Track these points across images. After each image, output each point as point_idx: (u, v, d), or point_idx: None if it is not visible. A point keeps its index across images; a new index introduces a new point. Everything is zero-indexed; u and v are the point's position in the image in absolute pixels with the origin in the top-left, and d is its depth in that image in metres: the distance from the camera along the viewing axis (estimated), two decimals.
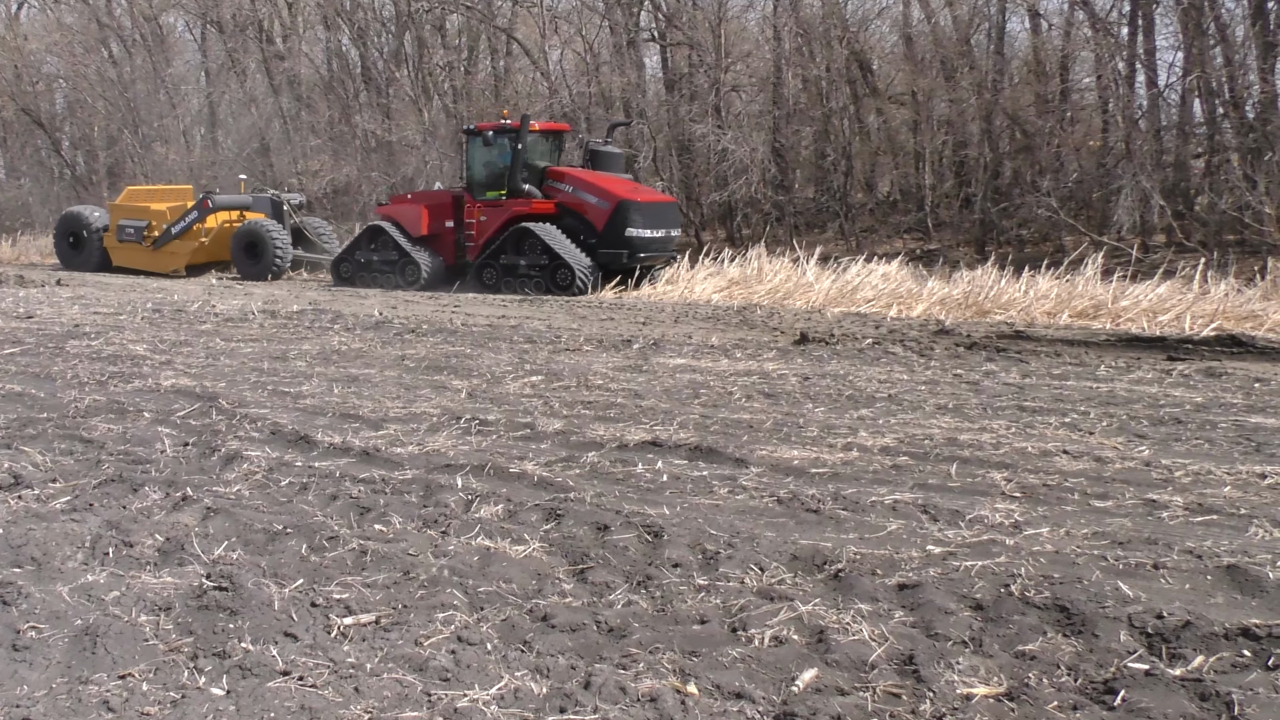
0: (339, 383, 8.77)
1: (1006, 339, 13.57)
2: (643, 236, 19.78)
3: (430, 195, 21.90)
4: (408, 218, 21.23)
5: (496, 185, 20.56)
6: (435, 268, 21.00)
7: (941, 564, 4.47)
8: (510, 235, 19.93)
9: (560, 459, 6.28)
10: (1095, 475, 5.86)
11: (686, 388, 8.47)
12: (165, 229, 24.09)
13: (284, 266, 23.19)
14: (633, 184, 21.56)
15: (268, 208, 24.15)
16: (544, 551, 4.74)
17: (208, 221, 24.02)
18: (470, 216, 20.74)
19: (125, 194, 26.09)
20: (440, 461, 6.22)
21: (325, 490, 5.69)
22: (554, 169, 20.79)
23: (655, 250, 20.24)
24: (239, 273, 23.63)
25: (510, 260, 19.96)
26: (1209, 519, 5.08)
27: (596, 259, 19.69)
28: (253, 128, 34.72)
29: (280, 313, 14.19)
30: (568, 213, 20.06)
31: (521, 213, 20.06)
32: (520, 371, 9.28)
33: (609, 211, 19.60)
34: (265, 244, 22.99)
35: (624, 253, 19.61)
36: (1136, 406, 7.70)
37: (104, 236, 25.23)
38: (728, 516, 5.20)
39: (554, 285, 19.49)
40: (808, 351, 10.47)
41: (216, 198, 23.95)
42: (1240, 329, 14.44)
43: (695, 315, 16.25)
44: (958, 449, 6.46)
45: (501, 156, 20.54)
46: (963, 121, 24.46)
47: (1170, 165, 21.89)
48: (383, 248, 21.20)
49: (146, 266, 24.55)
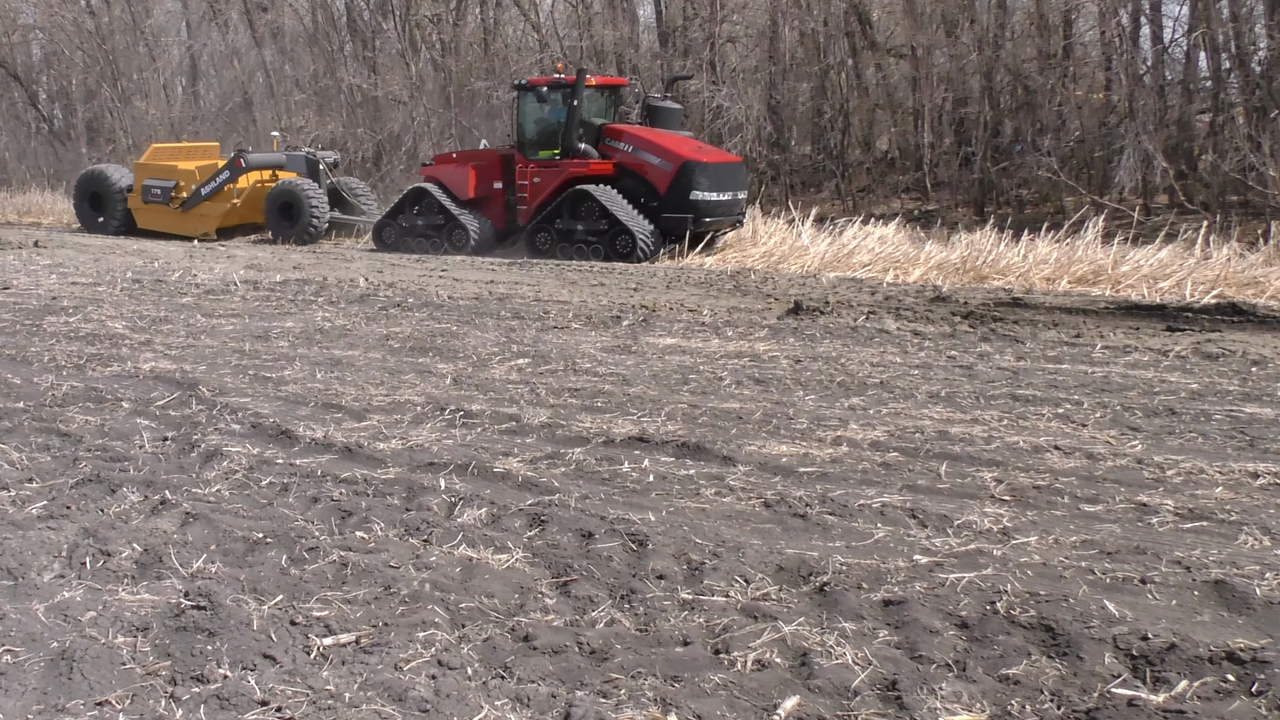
0: (322, 366, 8.79)
1: (1004, 307, 13.62)
2: (708, 200, 18.98)
3: (477, 155, 21.24)
4: (454, 179, 20.53)
5: (550, 144, 19.86)
6: (484, 232, 20.44)
7: (928, 577, 4.52)
8: (567, 198, 19.25)
9: (545, 455, 6.32)
10: (1086, 474, 5.91)
11: (675, 372, 8.50)
12: (195, 190, 23.45)
13: (321, 229, 22.59)
14: (696, 143, 20.76)
15: (302, 167, 23.41)
16: (527, 562, 4.78)
17: (240, 181, 23.30)
18: (523, 178, 20.08)
19: (150, 152, 25.40)
20: (423, 459, 6.25)
21: (306, 492, 5.72)
22: (611, 126, 20.03)
23: (721, 214, 19.44)
24: (273, 235, 23.02)
25: (566, 225, 19.27)
26: (1199, 525, 5.13)
27: (659, 224, 18.97)
28: (235, 81, 34.54)
29: (263, 283, 14.19)
30: (627, 173, 19.35)
31: (579, 174, 19.36)
32: (507, 354, 9.31)
33: (672, 173, 18.84)
34: (302, 205, 22.36)
35: (688, 217, 18.85)
36: (1131, 394, 7.74)
37: (128, 197, 24.52)
38: (714, 522, 5.24)
39: (613, 252, 18.80)
40: (800, 329, 10.49)
41: (250, 156, 23.30)
42: (1241, 296, 14.50)
43: (688, 280, 16.28)
44: (949, 443, 6.50)
45: (555, 113, 19.85)
46: (962, 78, 24.36)
47: (1174, 123, 21.84)
48: (428, 211, 20.60)
49: (174, 229, 23.89)
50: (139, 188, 24.25)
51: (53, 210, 30.66)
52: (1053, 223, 19.22)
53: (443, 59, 30.37)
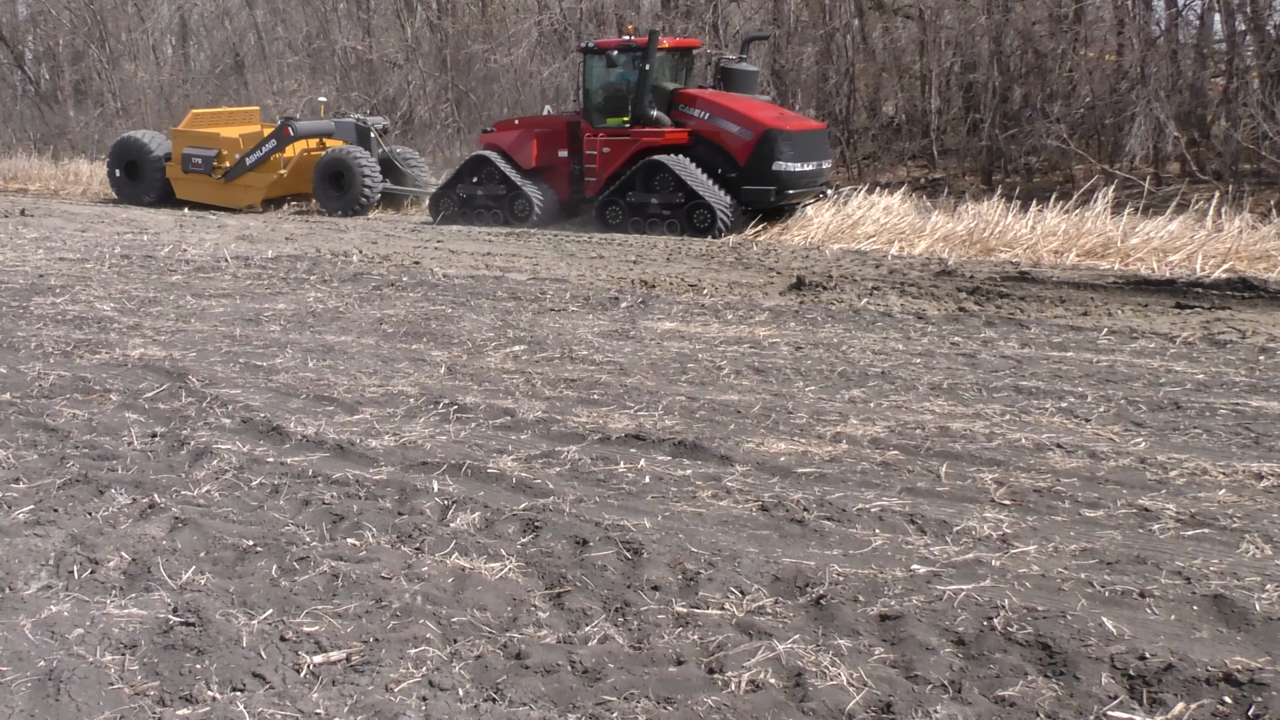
0: (314, 353, 8.82)
1: (1010, 282, 13.62)
2: (792, 171, 18.04)
3: (541, 122, 20.43)
4: (516, 147, 19.73)
5: (619, 111, 19.07)
6: (548, 203, 19.74)
7: (925, 589, 4.56)
8: (639, 169, 18.45)
9: (540, 454, 6.35)
10: (1089, 475, 5.94)
11: (674, 361, 8.53)
12: (239, 159, 22.67)
13: (373, 200, 21.92)
14: (777, 109, 20.00)
15: (352, 134, 22.53)
16: (520, 572, 4.83)
17: (286, 151, 22.49)
18: (591, 148, 19.21)
19: (189, 118, 24.57)
20: (416, 458, 6.29)
21: (297, 494, 5.76)
22: (684, 91, 19.16)
23: (805, 185, 18.47)
24: (322, 207, 22.39)
25: (639, 198, 18.49)
26: (1200, 532, 5.16)
27: (739, 197, 18.18)
28: (225, 43, 34.37)
29: (254, 259, 14.19)
30: (702, 142, 18.46)
31: (653, 144, 18.49)
32: (502, 339, 9.33)
33: (753, 142, 17.93)
34: (353, 175, 21.58)
35: (771, 190, 17.96)
36: (1136, 385, 7.76)
37: (166, 166, 23.76)
38: (710, 528, 5.28)
39: (690, 227, 18.05)
40: (802, 311, 10.50)
41: (298, 124, 22.54)
42: (1253, 270, 14.49)
43: (689, 253, 16.27)
44: (950, 440, 6.53)
45: (624, 78, 19.01)
46: (971, 41, 24.26)
47: (1186, 89, 21.76)
48: (488, 181, 19.90)
49: (216, 201, 23.22)
50: (178, 156, 23.51)
51: (39, 176, 30.58)
52: (1062, 192, 19.16)
53: (439, 20, 30.25)
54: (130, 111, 33.81)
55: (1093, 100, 22.52)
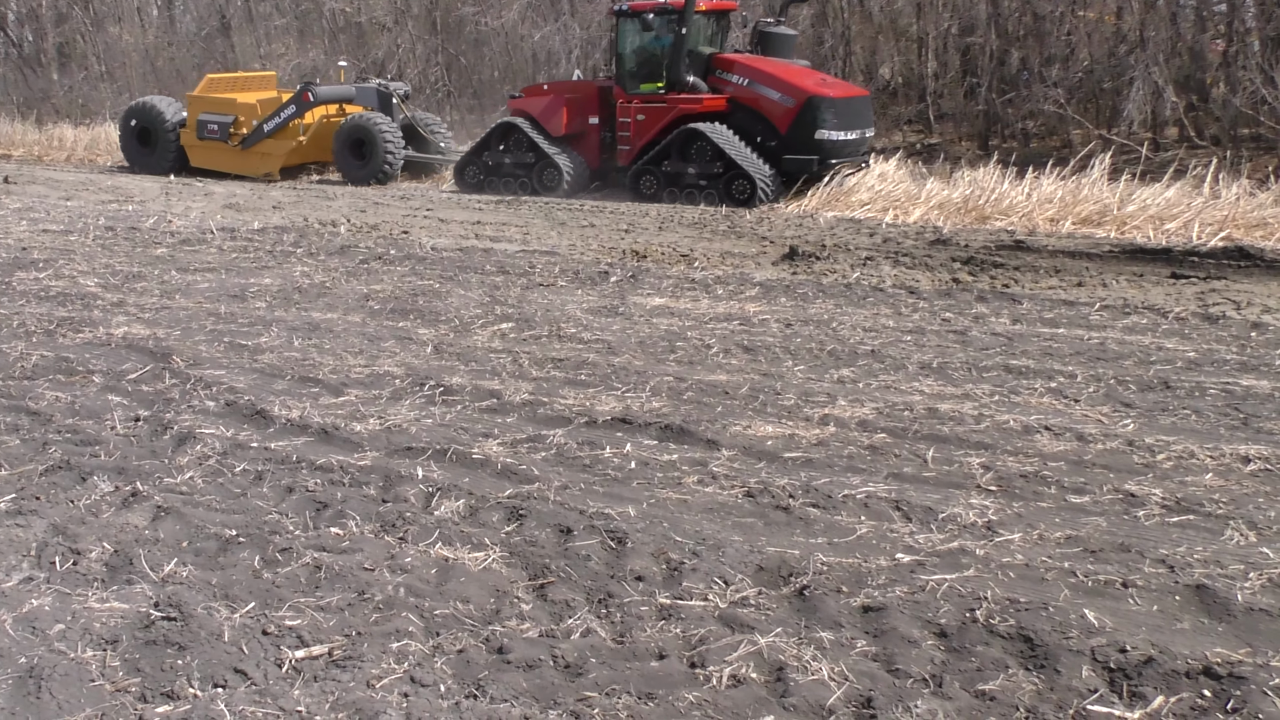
0: (299, 332, 8.84)
1: (1006, 250, 13.66)
2: (834, 139, 17.68)
3: (571, 87, 20.04)
4: (546, 114, 19.32)
5: (652, 76, 18.66)
6: (578, 172, 19.40)
7: (909, 580, 4.61)
8: (676, 138, 18.07)
9: (526, 439, 6.39)
10: (1076, 459, 5.99)
11: (662, 339, 8.55)
12: (256, 126, 22.22)
13: (396, 168, 21.52)
14: (818, 74, 19.46)
15: (373, 99, 22.13)
16: (504, 562, 4.87)
17: (305, 117, 22.05)
18: (625, 115, 18.79)
19: (205, 83, 24.16)
20: (401, 442, 6.32)
21: (281, 481, 5.80)
22: (721, 56, 18.68)
23: (848, 154, 18.12)
24: (343, 175, 22.02)
25: (675, 167, 18.15)
26: (1185, 519, 5.21)
27: (779, 166, 17.80)
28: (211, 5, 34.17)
29: (240, 231, 14.18)
30: (740, 109, 18.06)
31: (689, 111, 18.11)
32: (490, 316, 9.35)
33: (795, 109, 17.53)
34: (375, 142, 21.15)
35: (813, 159, 17.60)
36: (1126, 364, 7.80)
37: (181, 133, 23.34)
38: (695, 516, 5.32)
39: (729, 197, 17.71)
40: (793, 285, 10.52)
41: (318, 89, 21.97)
42: (1249, 239, 14.52)
43: (681, 221, 16.28)
44: (938, 422, 6.57)
45: (658, 42, 18.50)
46: (969, 3, 24.16)
47: (1185, 53, 21.70)
48: (516, 148, 19.57)
49: (233, 169, 22.85)
50: (193, 123, 23.04)
51: (22, 141, 30.49)
52: (1059, 158, 19.15)
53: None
54: (115, 75, 33.69)
55: (1091, 64, 22.45)
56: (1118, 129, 21.07)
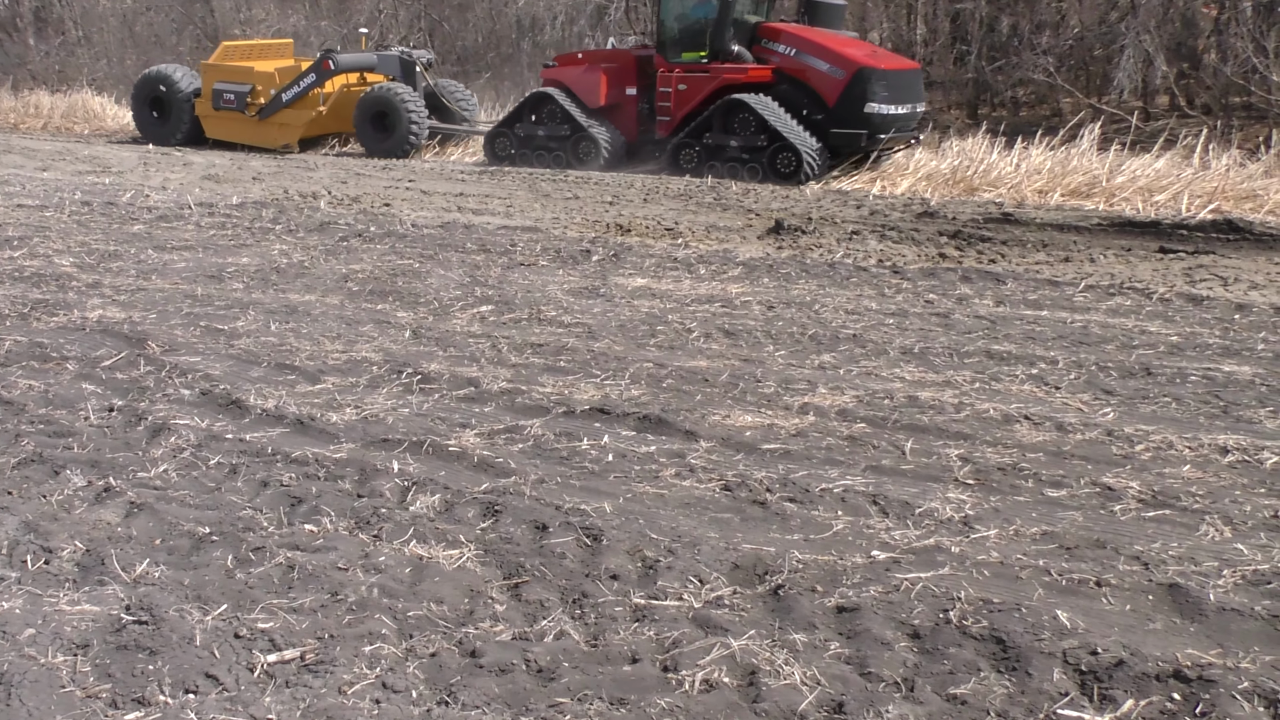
0: (276, 315, 8.84)
1: (993, 224, 13.71)
2: (884, 113, 17.30)
3: (609, 56, 19.66)
4: (582, 84, 19.00)
5: (695, 45, 18.24)
6: (615, 145, 19.01)
7: (884, 579, 4.65)
8: (718, 109, 17.71)
9: (503, 429, 6.41)
10: (1055, 449, 6.03)
11: (643, 322, 8.58)
12: (275, 95, 21.85)
13: (420, 140, 21.23)
14: (868, 45, 19.38)
15: (395, 68, 21.69)
16: (479, 560, 4.90)
17: (326, 86, 21.70)
18: (666, 84, 18.42)
19: (220, 51, 23.78)
20: (378, 433, 6.34)
21: (255, 474, 5.81)
22: (767, 25, 18.31)
23: (898, 129, 17.78)
24: (365, 148, 21.71)
25: (718, 140, 17.78)
26: (1162, 513, 5.26)
27: (826, 140, 17.45)
28: None
29: (219, 206, 14.14)
30: (786, 80, 17.69)
31: (734, 81, 17.71)
32: (470, 298, 9.36)
33: (844, 81, 17.17)
34: (398, 113, 20.83)
35: (862, 134, 17.27)
36: (1109, 349, 7.85)
37: (196, 103, 23.05)
38: (671, 511, 5.36)
39: (773, 172, 17.35)
40: (776, 266, 10.54)
41: (339, 57, 21.50)
42: (1239, 211, 14.61)
43: (666, 193, 16.31)
44: (917, 411, 6.61)
45: (702, 9, 18.20)
46: None
47: (1177, 19, 21.70)
48: (550, 120, 19.26)
49: (249, 140, 22.50)
50: (208, 92, 22.72)
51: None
52: (1048, 127, 19.17)
53: None
54: (92, 40, 33.49)
55: (1081, 31, 22.45)
56: (1108, 97, 21.10)
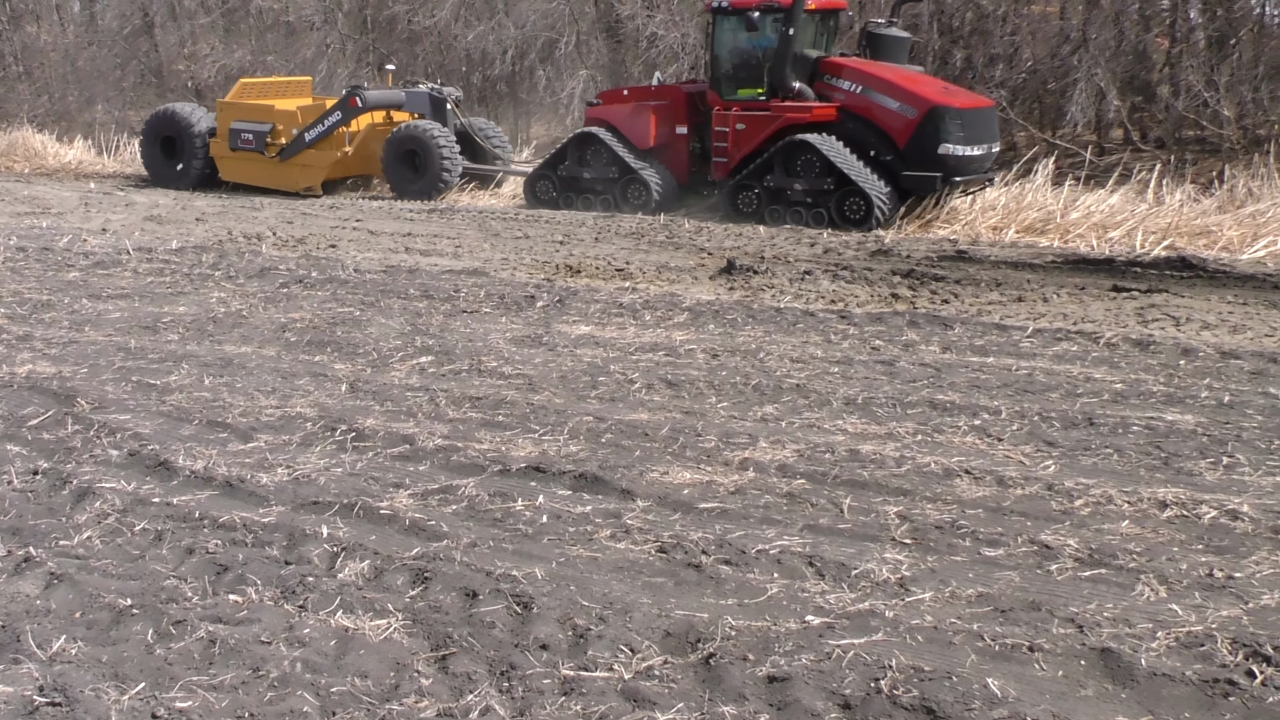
0: (211, 369, 8.80)
1: (947, 262, 13.82)
2: (959, 155, 16.35)
3: (657, 93, 18.77)
4: (631, 123, 18.16)
5: (752, 81, 17.53)
6: (667, 187, 18.15)
7: (816, 646, 4.67)
8: (780, 149, 16.83)
9: (437, 489, 6.41)
10: (994, 505, 6.09)
11: (585, 373, 8.59)
12: (297, 135, 20.92)
13: (453, 181, 20.37)
14: (939, 81, 18.58)
15: (425, 105, 21.00)
16: (406, 631, 4.89)
17: (352, 125, 20.73)
18: (722, 124, 17.57)
19: (237, 88, 22.83)
20: (308, 495, 6.33)
21: (181, 541, 5.78)
22: (829, 60, 17.41)
23: (973, 171, 16.82)
24: (393, 189, 20.84)
25: (779, 182, 16.86)
26: (1098, 573, 5.32)
27: (897, 183, 16.61)
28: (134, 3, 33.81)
29: (158, 251, 14.07)
30: (852, 119, 16.84)
31: (797, 120, 16.89)
32: (410, 348, 9.35)
33: (915, 120, 16.29)
34: (430, 152, 19.99)
35: (936, 176, 16.34)
36: (1053, 397, 7.93)
37: (211, 143, 22.06)
38: (604, 576, 5.37)
39: (841, 217, 16.46)
40: (722, 311, 10.57)
41: (367, 94, 20.58)
42: (1192, 247, 14.77)
43: (619, 231, 16.35)
44: (858, 466, 6.65)
45: (761, 43, 17.35)
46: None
47: (1129, 53, 21.98)
48: (596, 161, 18.42)
49: (268, 183, 21.55)
50: (224, 131, 21.72)
51: None
52: (1002, 161, 19.34)
53: None
54: (33, 76, 33.30)
55: (1034, 64, 22.69)
56: (1062, 131, 21.33)
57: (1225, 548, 5.59)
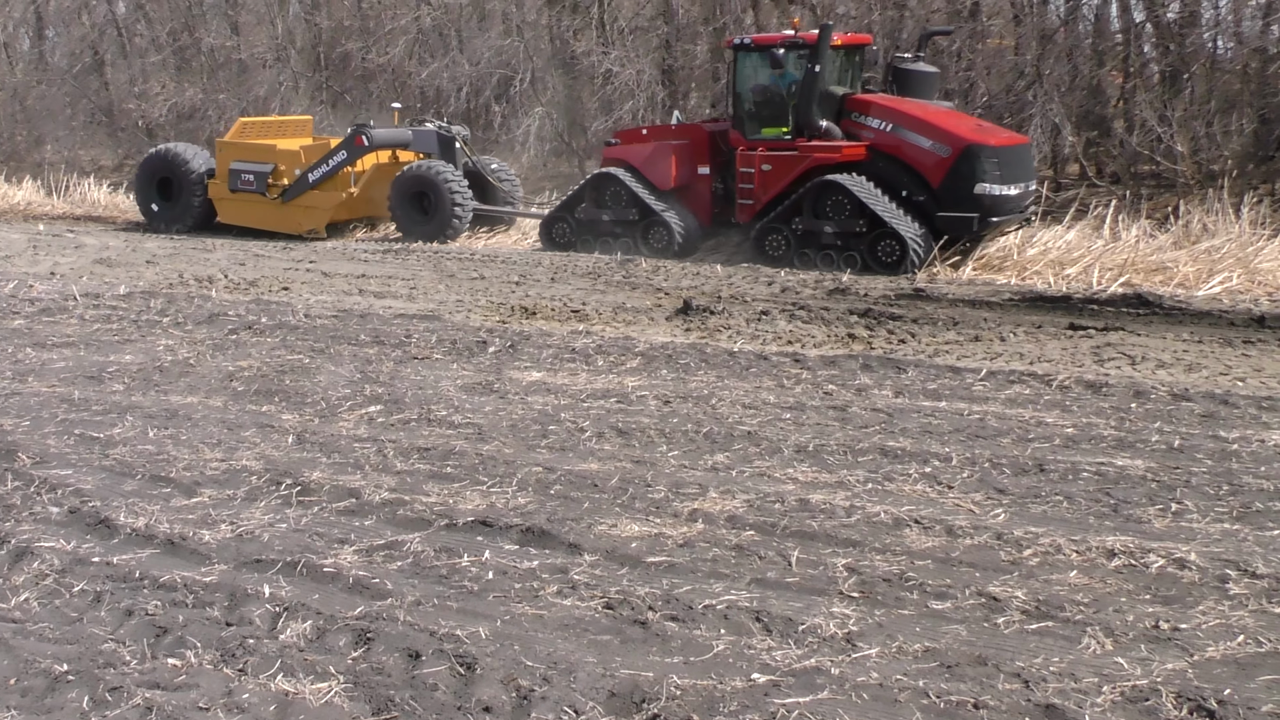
0: (156, 420, 8.76)
1: (905, 300, 13.90)
2: (995, 194, 15.95)
3: (677, 133, 18.39)
4: (650, 164, 17.77)
5: (776, 120, 17.15)
6: (690, 230, 17.78)
7: (761, 705, 4.68)
8: (809, 190, 16.44)
9: (382, 544, 6.40)
10: (943, 556, 6.12)
11: (535, 422, 8.60)
12: (300, 176, 20.56)
13: (464, 224, 19.96)
14: (972, 118, 18.31)
15: (432, 144, 20.55)
16: (347, 695, 4.87)
17: (358, 164, 20.40)
18: (747, 165, 17.18)
19: (237, 128, 22.48)
20: (251, 552, 6.30)
21: (120, 603, 5.74)
22: (856, 97, 17.07)
23: (1010, 211, 16.46)
24: (401, 232, 20.37)
25: (809, 225, 16.48)
26: (1045, 625, 5.36)
27: (931, 225, 16.22)
28: (84, 40, 33.75)
29: (105, 297, 14.00)
30: (882, 158, 16.49)
31: (827, 160, 16.47)
32: (359, 397, 9.34)
33: (950, 160, 15.92)
34: (440, 193, 19.58)
35: (973, 217, 15.91)
36: (1004, 443, 7.99)
37: (209, 185, 21.63)
38: (549, 634, 5.36)
39: (874, 260, 16.09)
40: (675, 356, 10.60)
41: (374, 132, 20.11)
42: (1149, 284, 14.91)
43: (575, 270, 16.39)
44: (808, 516, 6.68)
45: (784, 80, 17.06)
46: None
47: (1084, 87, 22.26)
48: (615, 203, 18.01)
49: (270, 225, 21.10)
50: (223, 172, 21.30)
51: None
52: None
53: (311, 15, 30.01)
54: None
55: (989, 99, 22.94)
56: None
57: (1172, 598, 5.64)
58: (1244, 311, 12.78)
